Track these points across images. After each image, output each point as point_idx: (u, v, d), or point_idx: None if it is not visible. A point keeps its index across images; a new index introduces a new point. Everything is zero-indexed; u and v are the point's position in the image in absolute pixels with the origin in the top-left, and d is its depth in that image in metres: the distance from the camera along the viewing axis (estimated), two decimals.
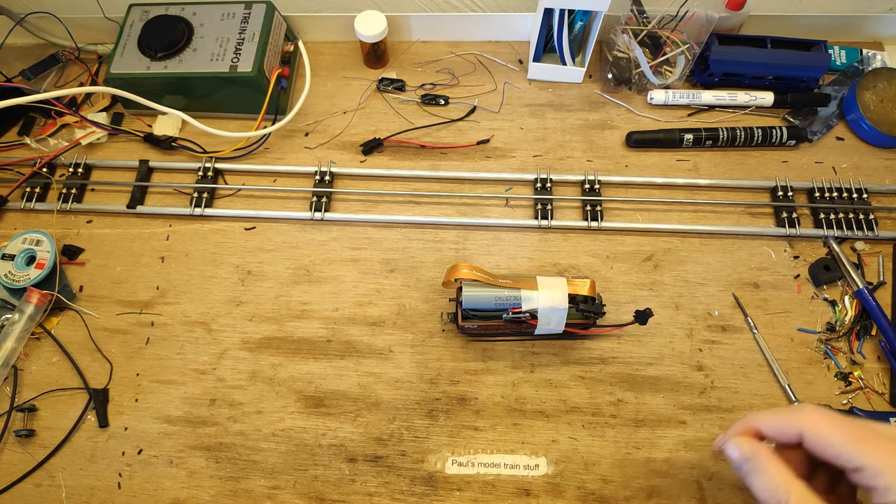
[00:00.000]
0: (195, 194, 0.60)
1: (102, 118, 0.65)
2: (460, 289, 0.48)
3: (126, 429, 0.50)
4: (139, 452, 0.49)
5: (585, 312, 0.48)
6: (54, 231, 0.58)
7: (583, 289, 0.48)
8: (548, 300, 0.47)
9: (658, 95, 0.64)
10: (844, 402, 0.50)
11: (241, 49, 0.61)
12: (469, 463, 0.48)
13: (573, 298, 0.48)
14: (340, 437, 0.50)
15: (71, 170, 0.62)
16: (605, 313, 0.49)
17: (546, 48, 0.66)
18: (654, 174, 0.61)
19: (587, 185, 0.60)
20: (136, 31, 0.62)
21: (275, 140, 0.64)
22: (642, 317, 0.48)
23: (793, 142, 0.62)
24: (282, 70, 0.63)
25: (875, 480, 0.30)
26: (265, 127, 0.61)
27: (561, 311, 0.47)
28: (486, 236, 0.58)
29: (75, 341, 0.54)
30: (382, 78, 0.67)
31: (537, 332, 0.49)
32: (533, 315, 0.47)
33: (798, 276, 0.56)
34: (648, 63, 0.64)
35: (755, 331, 0.53)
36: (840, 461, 0.31)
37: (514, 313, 0.47)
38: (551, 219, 0.58)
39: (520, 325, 0.49)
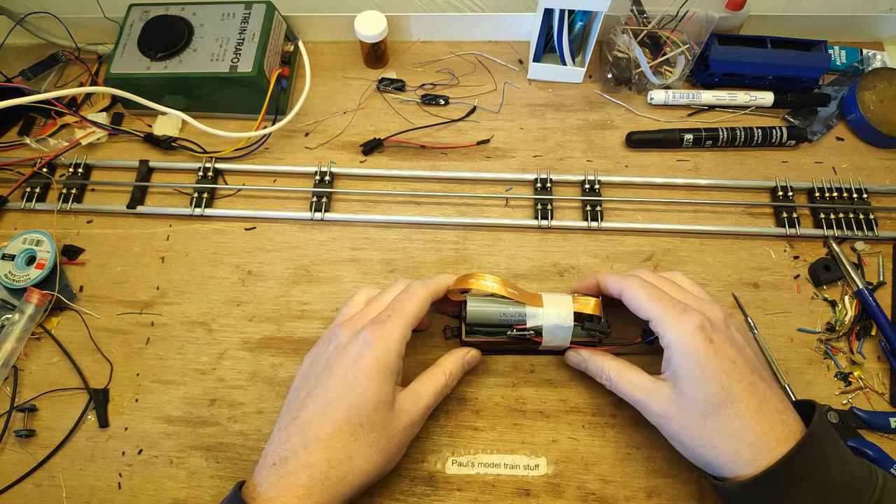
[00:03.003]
0: (195, 194, 0.60)
1: (102, 118, 0.65)
2: (464, 303, 0.48)
3: (126, 429, 0.50)
4: (139, 452, 0.49)
5: (591, 331, 0.47)
6: (54, 231, 0.58)
7: (588, 307, 0.47)
8: (553, 318, 0.46)
9: (658, 95, 0.64)
10: (844, 401, 0.50)
11: (241, 49, 0.61)
12: (469, 463, 0.48)
13: (578, 317, 0.47)
14: None
15: (71, 170, 0.62)
16: (610, 332, 0.48)
17: (546, 48, 0.66)
18: (654, 174, 0.61)
19: (587, 186, 0.60)
20: (136, 31, 0.62)
21: (275, 140, 0.64)
22: (649, 335, 0.47)
23: (793, 142, 0.62)
24: (282, 70, 0.63)
25: (658, 328, 0.42)
26: (265, 127, 0.61)
27: (566, 328, 0.47)
28: (486, 236, 0.58)
29: (75, 341, 0.54)
30: (382, 78, 0.67)
31: (541, 348, 0.49)
32: (538, 332, 0.47)
33: (798, 276, 0.56)
34: (648, 63, 0.64)
35: (755, 331, 0.53)
36: (642, 315, 0.44)
37: (518, 330, 0.47)
38: (551, 219, 0.58)
39: (524, 342, 0.48)
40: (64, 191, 0.61)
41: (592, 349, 0.48)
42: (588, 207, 0.58)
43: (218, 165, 0.62)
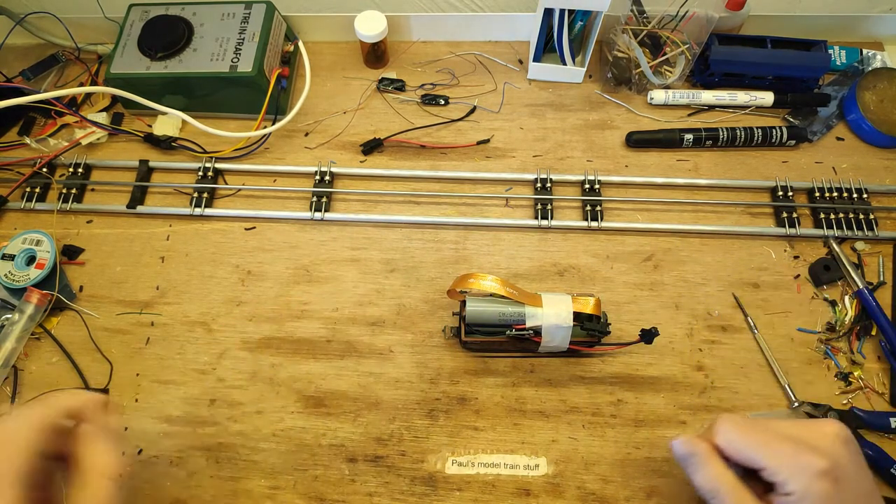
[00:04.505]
0: (195, 194, 0.60)
1: (102, 118, 0.65)
2: (464, 303, 0.48)
3: (126, 429, 0.50)
4: (139, 452, 0.49)
5: (590, 331, 0.47)
6: (54, 231, 0.58)
7: (587, 307, 0.47)
8: (552, 317, 0.46)
9: (658, 95, 0.64)
10: (844, 402, 0.50)
11: (241, 49, 0.61)
12: (469, 463, 0.48)
13: (578, 317, 0.47)
14: (340, 437, 0.50)
15: (71, 170, 0.62)
16: (609, 332, 0.48)
17: (546, 48, 0.66)
18: (654, 174, 0.61)
19: (587, 185, 0.60)
20: (136, 31, 0.62)
21: (275, 140, 0.64)
22: (648, 336, 0.47)
23: (793, 142, 0.62)
24: (282, 70, 0.63)
25: (774, 477, 0.35)
26: (265, 127, 0.61)
27: (565, 328, 0.46)
28: (486, 236, 0.58)
29: (75, 341, 0.54)
30: (382, 78, 0.67)
31: (541, 349, 0.49)
32: (537, 332, 0.47)
33: (798, 276, 0.56)
34: (648, 63, 0.64)
35: (755, 331, 0.53)
36: (748, 464, 0.36)
37: (517, 330, 0.47)
38: (551, 219, 0.58)
39: (523, 342, 0.48)
40: (64, 191, 0.61)
41: (710, 448, 0.38)
42: (588, 207, 0.58)
43: (218, 165, 0.62)
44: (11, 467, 0.28)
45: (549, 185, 0.60)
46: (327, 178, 0.61)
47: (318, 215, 0.59)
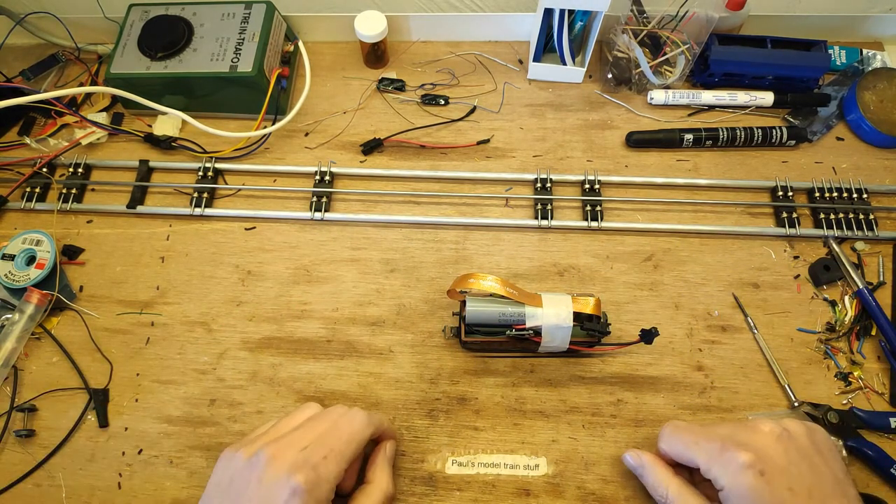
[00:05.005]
0: (195, 194, 0.60)
1: (102, 118, 0.65)
2: (464, 302, 0.48)
3: (126, 429, 0.50)
4: (139, 452, 0.49)
5: (590, 331, 0.47)
6: (54, 231, 0.58)
7: (587, 307, 0.47)
8: (552, 317, 0.46)
9: (658, 95, 0.64)
10: (844, 402, 0.50)
11: (241, 49, 0.61)
12: (469, 463, 0.48)
13: (578, 317, 0.47)
14: None
15: (71, 170, 0.62)
16: (609, 332, 0.48)
17: (546, 48, 0.66)
18: (654, 174, 0.61)
19: (587, 185, 0.60)
20: (136, 31, 0.62)
21: (275, 140, 0.64)
22: (648, 336, 0.47)
23: (793, 142, 0.62)
24: (282, 70, 0.63)
25: (708, 475, 0.39)
26: (265, 127, 0.61)
27: (565, 329, 0.47)
28: (486, 236, 0.58)
29: (75, 341, 0.54)
30: (382, 78, 0.67)
31: (541, 349, 0.49)
32: (537, 332, 0.47)
33: (798, 276, 0.56)
34: (648, 63, 0.64)
35: (755, 331, 0.53)
36: (687, 463, 0.41)
37: (517, 330, 0.47)
38: (551, 219, 0.58)
39: (523, 342, 0.48)
40: (64, 191, 0.61)
41: (654, 457, 0.44)
42: (588, 207, 0.58)
43: (218, 165, 0.62)
44: (347, 451, 0.39)
45: (549, 185, 0.60)
46: (327, 178, 0.61)
47: (318, 215, 0.59)
